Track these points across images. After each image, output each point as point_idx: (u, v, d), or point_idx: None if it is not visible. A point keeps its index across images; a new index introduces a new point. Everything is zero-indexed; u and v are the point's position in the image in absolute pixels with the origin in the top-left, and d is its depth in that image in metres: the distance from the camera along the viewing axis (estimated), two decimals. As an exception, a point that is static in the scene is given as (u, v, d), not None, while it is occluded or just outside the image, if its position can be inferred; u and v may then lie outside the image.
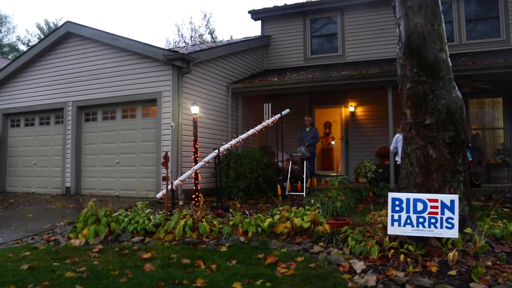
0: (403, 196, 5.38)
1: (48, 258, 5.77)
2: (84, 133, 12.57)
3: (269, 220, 6.72)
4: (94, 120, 12.51)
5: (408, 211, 5.29)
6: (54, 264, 5.50)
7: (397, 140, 9.70)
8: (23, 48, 45.32)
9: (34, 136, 13.71)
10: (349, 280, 4.71)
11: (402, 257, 5.10)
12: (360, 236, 5.88)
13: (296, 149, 12.17)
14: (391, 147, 10.38)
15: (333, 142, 15.72)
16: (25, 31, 68.36)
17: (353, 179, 14.18)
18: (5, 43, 47.12)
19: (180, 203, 10.04)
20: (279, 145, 11.80)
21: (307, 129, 12.60)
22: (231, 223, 6.81)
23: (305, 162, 11.67)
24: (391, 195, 5.43)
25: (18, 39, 48.59)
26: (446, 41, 5.90)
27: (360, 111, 14.92)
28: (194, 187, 9.78)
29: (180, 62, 10.62)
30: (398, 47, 6.07)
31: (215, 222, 6.75)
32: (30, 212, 9.43)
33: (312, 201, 8.56)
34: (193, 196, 9.61)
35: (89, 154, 12.43)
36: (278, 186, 8.16)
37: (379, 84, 11.95)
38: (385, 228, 5.86)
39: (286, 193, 11.04)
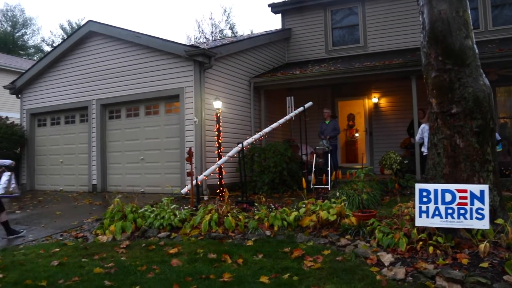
0: (430, 187, 5.28)
1: (77, 254, 5.86)
2: (108, 131, 12.71)
3: (294, 213, 6.69)
4: (118, 118, 12.64)
5: (436, 202, 5.20)
6: (83, 260, 5.57)
7: (423, 131, 9.51)
8: (47, 49, 46.11)
9: (60, 134, 13.92)
10: (377, 273, 4.65)
11: (431, 249, 5.02)
12: (388, 228, 5.81)
13: (319, 142, 12.10)
14: (417, 138, 10.21)
15: (357, 134, 15.58)
16: (49, 32, 69.76)
17: (378, 171, 14.01)
18: (30, 44, 48.03)
19: (205, 198, 10.08)
20: (303, 139, 11.73)
21: (327, 122, 12.47)
22: (256, 217, 6.80)
23: (329, 155, 11.59)
24: (418, 186, 5.34)
25: (43, 40, 49.47)
26: (472, 27, 5.76)
27: (383, 102, 14.72)
28: (218, 182, 9.81)
29: (201, 58, 10.64)
30: (422, 35, 5.95)
31: (240, 217, 6.75)
32: (58, 210, 9.60)
33: (338, 193, 8.49)
34: (218, 191, 9.65)
35: (114, 152, 12.57)
36: (303, 179, 8.11)
37: (403, 74, 11.76)
38: (412, 220, 5.78)
39: (311, 186, 11.01)
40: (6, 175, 7.27)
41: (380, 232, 5.72)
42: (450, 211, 5.12)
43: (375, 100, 14.71)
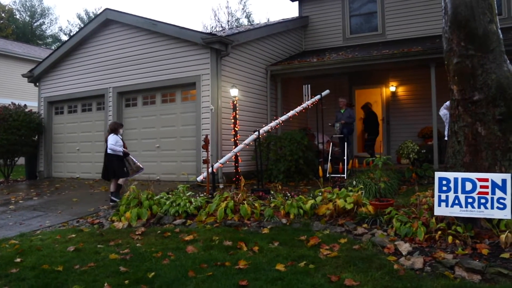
0: (450, 175, 5.18)
1: (93, 240, 5.88)
2: (125, 119, 12.74)
3: (311, 201, 6.62)
4: (135, 106, 12.65)
5: (456, 191, 5.10)
6: (99, 246, 5.59)
7: (446, 117, 8.96)
8: (65, 38, 46.48)
9: (77, 122, 14.01)
10: (394, 262, 4.59)
11: (450, 238, 4.93)
12: (405, 217, 5.73)
13: (334, 131, 12.01)
14: (441, 113, 9.43)
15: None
16: (66, 21, 70.21)
17: (394, 160, 13.86)
18: (48, 34, 48.51)
19: (221, 186, 10.06)
20: (319, 127, 11.62)
21: (342, 111, 12.33)
22: (272, 205, 6.75)
23: (345, 143, 11.51)
24: (437, 174, 5.24)
25: (60, 30, 49.92)
26: (496, 12, 5.58)
27: (401, 91, 14.51)
28: (234, 170, 9.79)
29: (218, 45, 10.56)
30: (443, 20, 5.80)
31: (256, 204, 6.70)
32: (75, 196, 9.67)
33: (354, 182, 8.41)
34: (234, 179, 9.62)
35: (130, 139, 12.57)
36: (320, 168, 8.03)
37: (422, 62, 11.55)
38: (431, 209, 5.71)
39: (327, 175, 10.93)
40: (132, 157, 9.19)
41: (398, 221, 5.64)
42: (470, 200, 5.02)
43: (392, 88, 14.51)
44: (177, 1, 68.44)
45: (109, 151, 8.76)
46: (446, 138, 8.78)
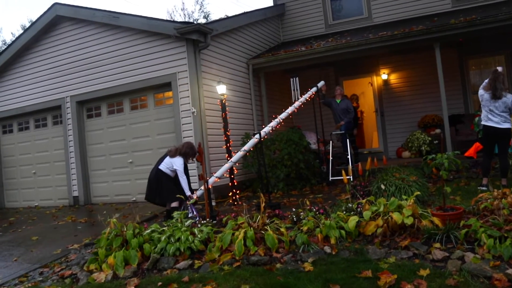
0: None
1: (67, 307, 4.05)
2: (88, 132, 10.81)
3: (354, 218, 5.00)
4: (98, 116, 10.72)
5: None
6: (77, 318, 3.78)
7: (482, 98, 7.48)
8: (10, 53, 43.31)
9: (30, 141, 11.93)
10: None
11: None
12: (496, 230, 4.22)
13: (328, 128, 10.60)
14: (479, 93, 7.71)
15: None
16: (10, 34, 66.07)
17: (393, 155, 12.54)
18: (-11, 47, 45.14)
19: (213, 203, 8.34)
20: (317, 125, 10.13)
21: (338, 101, 10.87)
22: (304, 228, 5.07)
23: (347, 140, 10.03)
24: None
25: (4, 43, 46.54)
26: None
27: (394, 78, 13.14)
28: (230, 183, 8.09)
29: (196, 35, 8.78)
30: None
31: (282, 229, 5.02)
32: (34, 233, 7.69)
33: (383, 186, 6.86)
34: (230, 193, 7.93)
35: (96, 156, 10.69)
36: (343, 171, 6.39)
37: (426, 42, 10.14)
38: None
39: (330, 179, 9.48)
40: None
41: (489, 237, 4.13)
42: None
43: (384, 76, 13.14)
44: (128, 6, 65.77)
45: (161, 167, 7.07)
46: (483, 122, 7.38)
